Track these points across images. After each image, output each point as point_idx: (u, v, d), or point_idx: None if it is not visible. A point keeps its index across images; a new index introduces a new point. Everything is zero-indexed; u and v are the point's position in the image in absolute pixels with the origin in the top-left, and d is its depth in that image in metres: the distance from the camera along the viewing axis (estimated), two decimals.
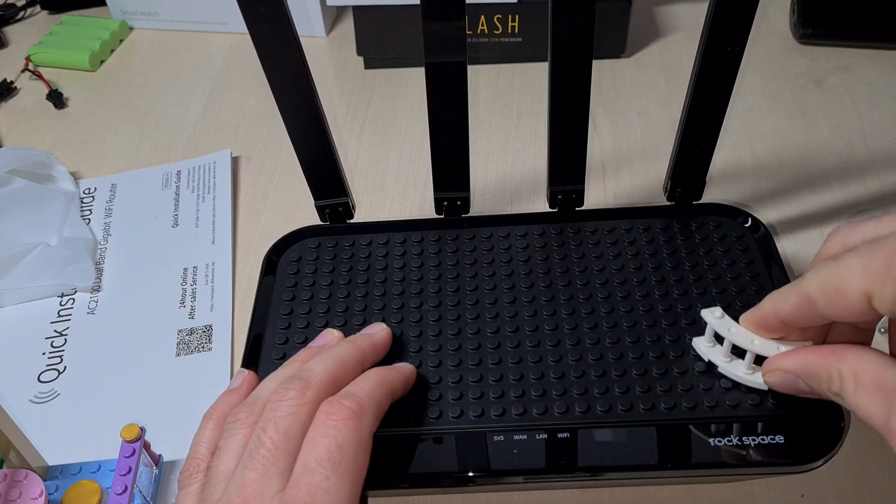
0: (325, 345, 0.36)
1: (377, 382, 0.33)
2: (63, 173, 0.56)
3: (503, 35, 0.63)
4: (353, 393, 0.31)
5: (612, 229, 0.42)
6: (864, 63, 0.62)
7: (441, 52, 0.37)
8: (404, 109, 0.62)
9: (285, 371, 0.34)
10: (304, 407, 0.31)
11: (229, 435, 0.31)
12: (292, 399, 0.31)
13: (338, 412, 0.30)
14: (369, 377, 0.33)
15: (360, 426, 0.30)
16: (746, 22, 0.35)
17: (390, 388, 0.33)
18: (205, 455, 0.32)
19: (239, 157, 0.59)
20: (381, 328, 0.37)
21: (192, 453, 0.32)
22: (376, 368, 0.34)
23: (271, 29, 0.36)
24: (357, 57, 0.66)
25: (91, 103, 0.66)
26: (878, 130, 0.57)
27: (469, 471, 0.33)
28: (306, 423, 0.30)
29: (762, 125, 0.58)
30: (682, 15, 0.69)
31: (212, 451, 0.32)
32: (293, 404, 0.31)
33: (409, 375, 0.35)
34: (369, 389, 0.32)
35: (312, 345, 0.37)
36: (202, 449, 0.32)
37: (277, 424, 0.30)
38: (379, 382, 0.33)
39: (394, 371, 0.34)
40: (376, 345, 0.36)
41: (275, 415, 0.30)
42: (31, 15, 0.77)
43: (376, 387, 0.32)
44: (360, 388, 0.32)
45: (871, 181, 0.52)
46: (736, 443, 0.32)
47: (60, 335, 0.47)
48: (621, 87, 0.62)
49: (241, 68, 0.68)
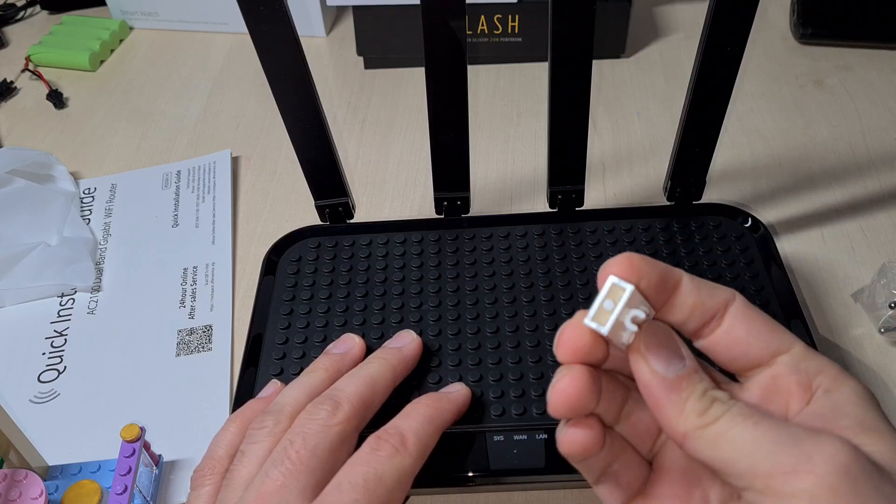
0: (346, 353, 0.36)
1: (428, 419, 0.31)
2: (63, 173, 0.56)
3: (503, 35, 0.63)
4: (402, 431, 0.30)
5: (612, 229, 0.42)
6: (863, 63, 0.62)
7: (441, 51, 0.37)
8: (404, 109, 0.62)
9: (309, 381, 0.33)
10: (333, 428, 0.30)
11: (253, 441, 0.31)
12: (322, 419, 0.30)
13: (383, 448, 0.29)
14: (419, 412, 0.32)
15: (403, 464, 0.29)
16: (746, 22, 0.35)
17: (441, 424, 0.32)
18: (222, 457, 0.31)
19: (239, 157, 0.59)
20: (410, 338, 0.36)
21: (210, 454, 0.32)
22: (428, 399, 0.33)
23: (271, 29, 0.36)
24: (357, 57, 0.66)
25: (91, 103, 0.65)
26: (877, 130, 0.57)
27: (469, 471, 0.33)
28: (334, 445, 0.30)
29: (762, 125, 0.58)
30: (682, 15, 0.69)
31: (230, 454, 0.31)
32: (323, 423, 0.30)
33: (462, 404, 0.34)
34: (417, 428, 0.31)
35: (332, 350, 0.36)
36: (220, 451, 0.32)
37: (306, 440, 0.29)
38: (430, 419, 0.31)
39: (446, 401, 0.33)
40: (407, 359, 0.35)
41: (304, 429, 0.30)
42: (31, 15, 0.77)
43: (426, 424, 0.31)
44: (409, 426, 0.31)
45: (870, 181, 0.52)
46: None
47: (60, 335, 0.47)
48: (621, 87, 0.62)
49: (242, 68, 0.68)
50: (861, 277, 0.46)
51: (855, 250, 0.48)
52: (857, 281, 0.46)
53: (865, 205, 0.51)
